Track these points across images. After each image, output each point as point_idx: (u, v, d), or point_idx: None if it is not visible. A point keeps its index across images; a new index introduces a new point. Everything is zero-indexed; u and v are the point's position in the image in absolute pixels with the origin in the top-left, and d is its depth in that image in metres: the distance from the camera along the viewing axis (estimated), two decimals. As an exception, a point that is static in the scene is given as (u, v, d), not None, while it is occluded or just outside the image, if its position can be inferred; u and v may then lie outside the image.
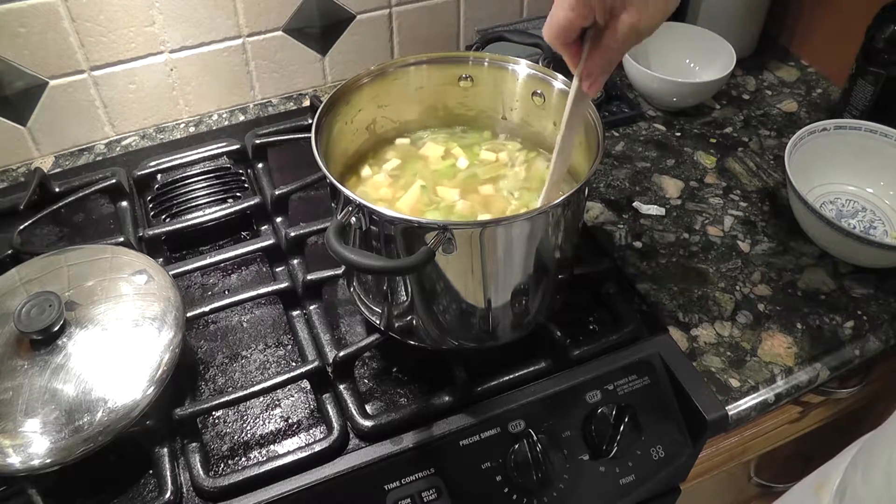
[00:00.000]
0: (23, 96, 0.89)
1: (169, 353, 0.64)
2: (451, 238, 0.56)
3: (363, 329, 0.76)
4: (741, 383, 0.73)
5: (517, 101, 0.75)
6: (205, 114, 1.02)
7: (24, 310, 0.61)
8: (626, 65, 1.03)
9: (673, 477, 0.75)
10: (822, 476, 0.68)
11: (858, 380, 0.90)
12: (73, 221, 0.88)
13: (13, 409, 0.59)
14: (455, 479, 0.64)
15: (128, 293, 0.67)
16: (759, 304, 0.80)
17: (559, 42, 0.54)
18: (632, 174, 0.94)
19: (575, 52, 0.55)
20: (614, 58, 0.55)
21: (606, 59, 0.55)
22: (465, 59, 0.74)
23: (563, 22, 0.52)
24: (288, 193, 0.85)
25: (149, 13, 0.90)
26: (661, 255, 0.84)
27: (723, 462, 0.92)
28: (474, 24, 1.09)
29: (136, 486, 0.64)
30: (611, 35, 0.53)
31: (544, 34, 0.54)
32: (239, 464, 0.66)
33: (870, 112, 0.95)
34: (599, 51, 0.54)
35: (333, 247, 0.54)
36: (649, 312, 0.78)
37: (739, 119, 1.04)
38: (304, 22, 0.99)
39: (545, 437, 0.66)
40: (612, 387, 0.70)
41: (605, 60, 0.55)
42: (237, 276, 0.82)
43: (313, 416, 0.69)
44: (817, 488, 0.67)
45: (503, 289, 0.64)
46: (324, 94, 1.05)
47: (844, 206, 0.90)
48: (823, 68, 1.12)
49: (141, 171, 0.89)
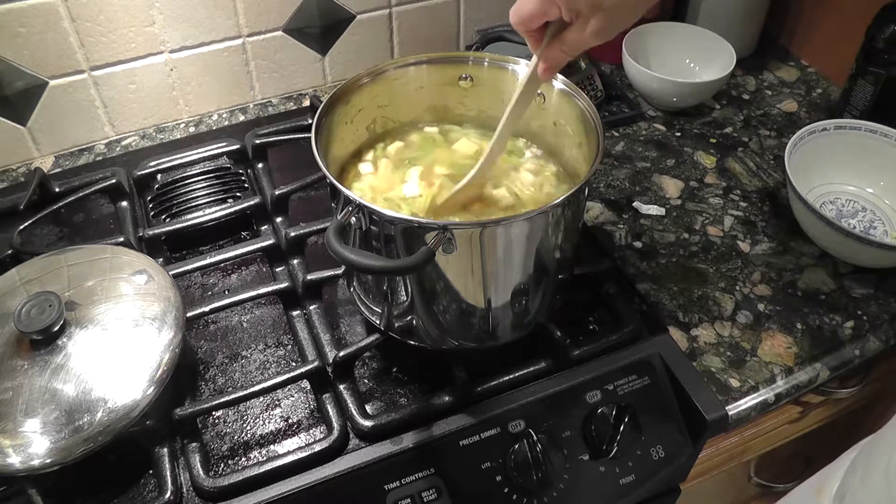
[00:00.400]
0: (23, 96, 0.89)
1: (169, 353, 0.64)
2: (451, 238, 0.56)
3: (363, 329, 0.76)
4: (741, 383, 0.73)
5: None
6: (205, 114, 1.02)
7: (24, 310, 0.61)
8: (626, 65, 1.03)
9: (673, 477, 0.75)
10: (822, 479, 0.68)
11: (858, 380, 0.90)
12: (73, 221, 0.88)
13: (13, 409, 0.59)
14: (455, 479, 0.64)
15: (128, 293, 0.67)
16: (759, 304, 0.80)
17: (521, 28, 0.56)
18: (632, 174, 0.94)
19: (537, 38, 0.57)
20: (574, 53, 0.56)
21: (566, 52, 0.56)
22: (465, 59, 0.74)
23: (528, 13, 0.54)
24: (288, 193, 0.85)
25: (149, 13, 0.90)
26: (661, 255, 0.84)
27: (723, 462, 0.92)
28: (474, 24, 1.09)
29: (136, 486, 0.64)
30: (575, 33, 0.54)
31: (510, 16, 0.56)
32: (239, 464, 0.66)
33: (870, 112, 0.95)
34: (560, 43, 0.56)
35: (333, 247, 0.54)
36: (649, 312, 0.78)
37: (739, 119, 1.04)
38: (304, 22, 0.99)
39: (545, 437, 0.66)
40: (612, 387, 0.70)
41: (564, 53, 0.57)
42: (237, 276, 0.82)
43: (313, 416, 0.69)
44: (817, 491, 0.67)
45: (503, 289, 0.64)
46: (324, 94, 1.05)
47: (844, 206, 0.90)
48: (823, 68, 1.12)
49: (141, 171, 0.89)
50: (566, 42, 0.55)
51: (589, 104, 0.67)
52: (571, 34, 0.54)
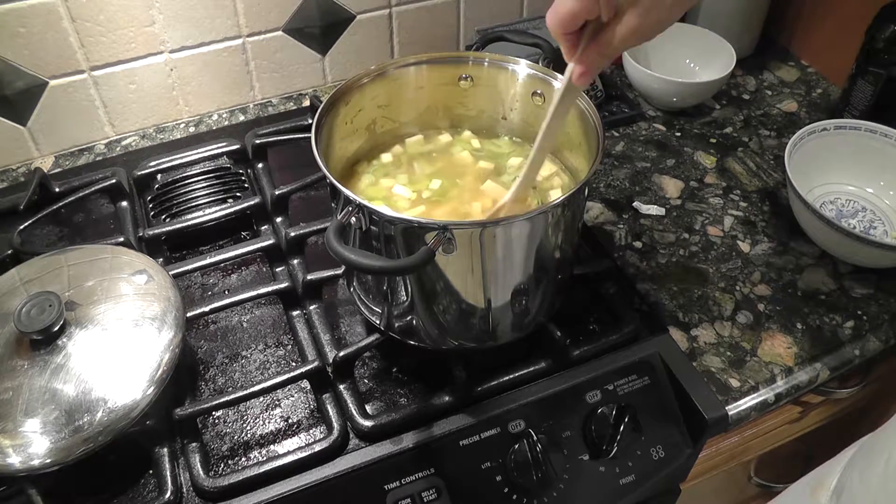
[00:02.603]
0: (23, 96, 0.89)
1: (169, 353, 0.64)
2: (451, 238, 0.56)
3: (363, 329, 0.76)
4: (741, 383, 0.73)
5: (517, 101, 0.75)
6: (205, 114, 1.02)
7: (24, 310, 0.61)
8: (626, 65, 1.03)
9: (673, 477, 0.75)
10: (818, 477, 0.68)
11: (858, 380, 0.90)
12: (73, 221, 0.88)
13: (13, 409, 0.59)
14: (455, 479, 0.64)
15: (128, 293, 0.67)
16: (759, 304, 0.80)
17: (560, 30, 0.54)
18: (632, 174, 0.94)
19: (573, 43, 0.55)
20: (611, 54, 0.55)
21: (603, 54, 0.55)
22: (465, 59, 0.74)
23: (569, 12, 0.52)
24: (288, 193, 0.85)
25: (149, 13, 0.90)
26: (661, 255, 0.84)
27: (723, 462, 0.92)
28: (474, 24, 1.09)
29: (136, 486, 0.64)
30: (612, 32, 0.53)
31: (548, 20, 0.54)
32: (239, 464, 0.66)
33: (870, 112, 0.95)
34: (597, 45, 0.54)
35: (333, 247, 0.54)
36: (649, 312, 0.78)
37: (739, 119, 1.04)
38: (304, 22, 0.99)
39: (545, 437, 0.66)
40: (612, 387, 0.70)
41: (601, 55, 0.55)
42: (237, 276, 0.82)
43: (313, 416, 0.69)
44: (813, 489, 0.67)
45: (503, 289, 0.64)
46: (324, 94, 1.05)
47: (844, 206, 0.90)
48: (823, 68, 1.12)
49: (141, 171, 0.89)
50: (605, 43, 0.54)
51: (589, 104, 0.67)
52: (608, 34, 0.53)
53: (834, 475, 0.65)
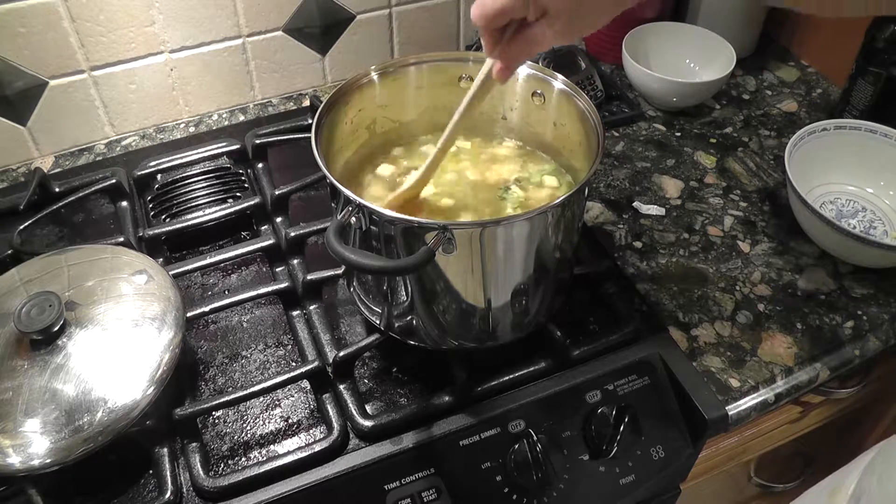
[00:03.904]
0: (23, 96, 0.89)
1: (169, 353, 0.64)
2: (451, 238, 0.56)
3: (363, 329, 0.76)
4: (741, 383, 0.73)
5: (517, 101, 0.75)
6: (205, 114, 1.02)
7: (24, 310, 0.61)
8: (626, 65, 1.03)
9: (673, 477, 0.75)
10: (836, 481, 0.68)
11: (858, 380, 0.90)
12: (73, 221, 0.88)
13: (13, 409, 0.59)
14: (455, 479, 0.64)
15: (128, 293, 0.67)
16: (759, 304, 0.80)
17: (485, 24, 0.54)
18: (632, 174, 0.94)
19: (496, 37, 0.55)
20: (533, 52, 0.55)
21: (526, 51, 0.55)
22: (465, 59, 0.74)
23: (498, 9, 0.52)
24: (288, 193, 0.85)
25: (149, 13, 0.90)
26: (661, 255, 0.84)
27: (723, 462, 0.92)
28: (474, 24, 1.08)
29: (136, 486, 0.64)
30: (538, 31, 0.53)
31: (473, 13, 0.54)
32: (239, 464, 0.66)
33: (870, 112, 0.94)
34: (521, 41, 0.54)
35: (333, 247, 0.54)
36: (649, 312, 0.78)
37: (739, 119, 1.04)
38: (304, 22, 0.99)
39: (545, 437, 0.66)
40: (612, 387, 0.70)
41: (523, 53, 0.55)
42: (237, 276, 0.82)
43: (313, 416, 0.69)
44: (830, 494, 0.67)
45: (503, 289, 0.64)
46: (324, 94, 1.05)
47: (844, 206, 0.90)
48: (823, 68, 1.12)
49: (141, 171, 0.89)
50: (527, 40, 0.53)
51: (589, 104, 0.67)
52: (534, 33, 0.53)
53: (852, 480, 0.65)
